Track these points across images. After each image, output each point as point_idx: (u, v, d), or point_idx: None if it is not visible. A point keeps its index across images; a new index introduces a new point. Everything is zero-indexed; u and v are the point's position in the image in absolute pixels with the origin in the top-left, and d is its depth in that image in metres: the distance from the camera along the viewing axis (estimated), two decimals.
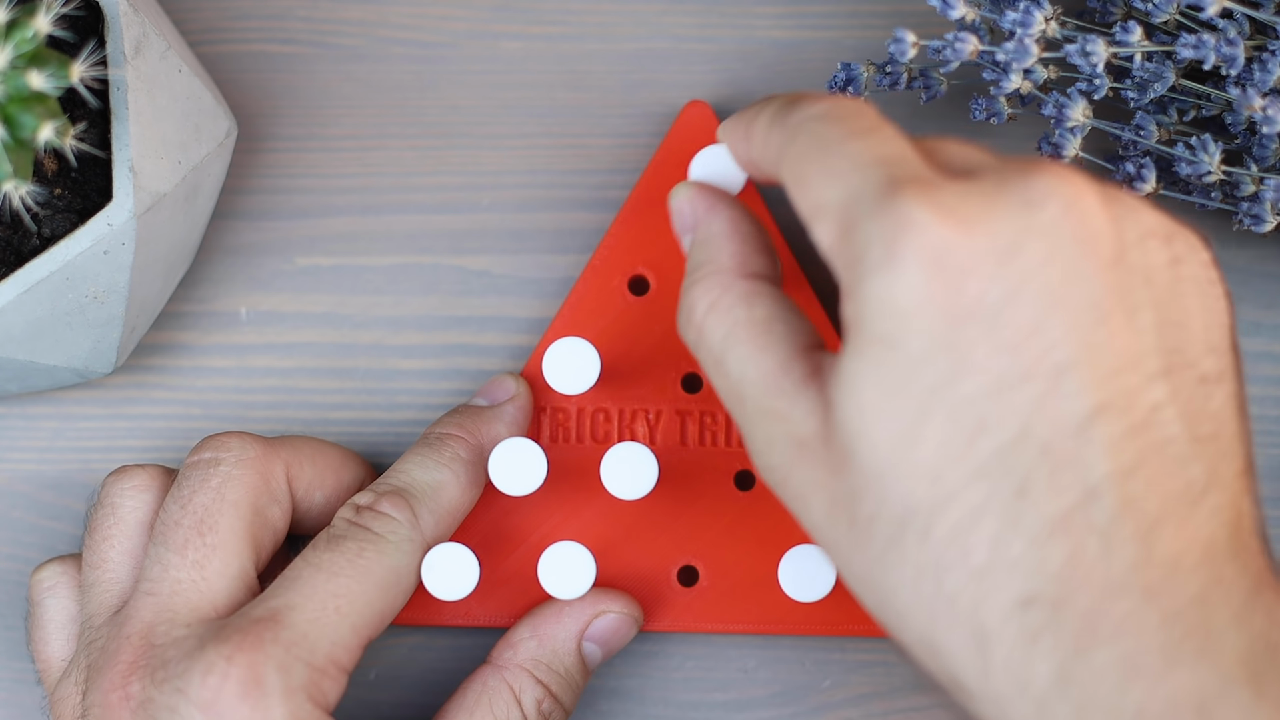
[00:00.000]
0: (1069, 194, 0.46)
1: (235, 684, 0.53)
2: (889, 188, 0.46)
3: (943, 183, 0.46)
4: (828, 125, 0.48)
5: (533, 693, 0.58)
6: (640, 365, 0.61)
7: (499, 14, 0.64)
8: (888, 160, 0.47)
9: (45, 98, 0.51)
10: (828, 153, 0.47)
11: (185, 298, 0.64)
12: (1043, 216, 0.45)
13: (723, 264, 0.51)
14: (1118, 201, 0.47)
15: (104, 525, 0.58)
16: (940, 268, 0.45)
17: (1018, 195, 0.45)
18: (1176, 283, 0.47)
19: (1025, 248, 0.45)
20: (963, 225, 0.45)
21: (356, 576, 0.55)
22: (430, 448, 0.59)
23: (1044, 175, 0.46)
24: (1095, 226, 0.46)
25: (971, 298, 0.45)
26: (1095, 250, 0.45)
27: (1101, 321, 0.45)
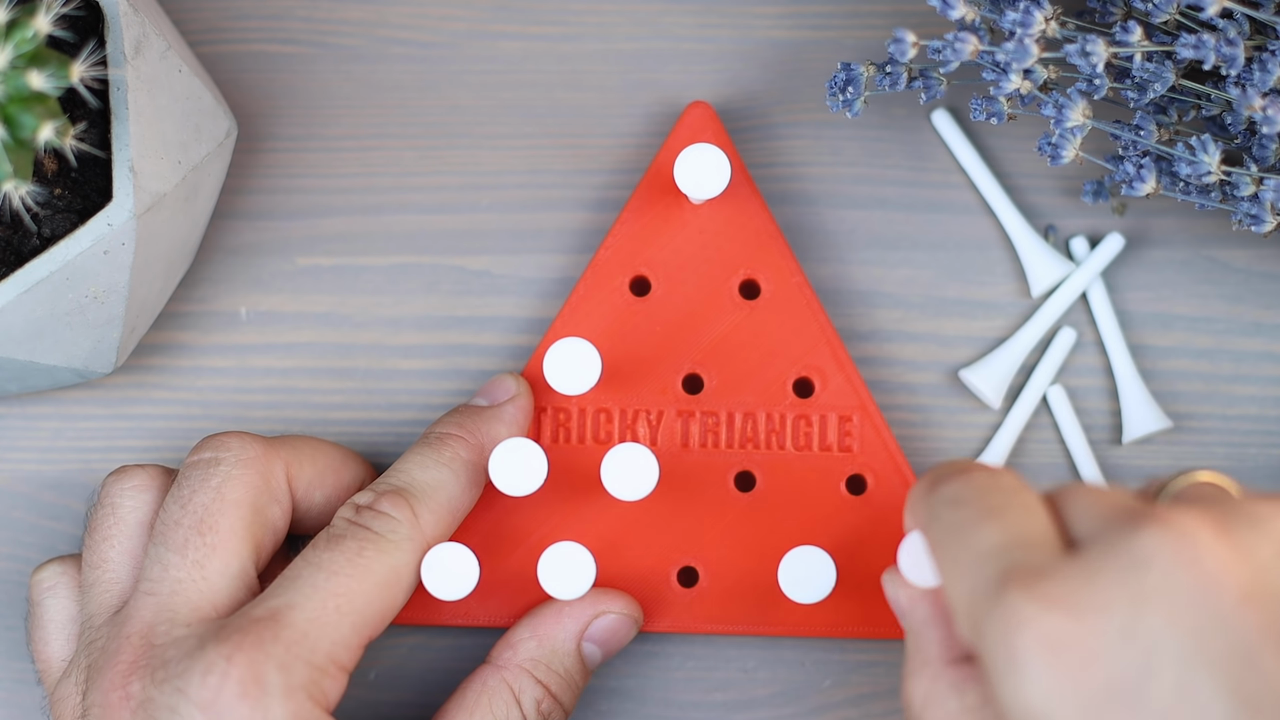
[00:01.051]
0: (1175, 543, 0.44)
1: (235, 683, 0.53)
2: (1000, 584, 0.45)
3: (1053, 567, 0.45)
4: (957, 510, 0.48)
5: (532, 693, 0.58)
6: (641, 366, 0.61)
7: (499, 14, 0.64)
8: (1007, 547, 0.46)
9: (45, 98, 0.51)
10: (955, 543, 0.47)
11: (185, 298, 0.64)
12: (1153, 577, 0.43)
13: (932, 654, 0.50)
14: (1240, 522, 0.45)
15: (104, 525, 0.58)
16: (1062, 660, 0.43)
17: (1123, 562, 0.44)
18: None
19: (1144, 616, 0.43)
20: (1073, 611, 0.44)
21: (357, 576, 0.55)
22: (430, 447, 0.59)
23: (1147, 531, 0.44)
24: (1213, 566, 0.43)
25: (1103, 682, 0.43)
26: (1221, 592, 0.43)
27: (1251, 664, 0.43)
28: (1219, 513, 0.45)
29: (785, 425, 0.61)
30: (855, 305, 0.63)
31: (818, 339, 0.61)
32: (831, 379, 0.61)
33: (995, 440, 0.63)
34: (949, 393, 0.63)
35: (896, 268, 0.64)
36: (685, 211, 0.61)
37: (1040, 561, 0.45)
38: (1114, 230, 0.63)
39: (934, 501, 0.49)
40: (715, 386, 0.61)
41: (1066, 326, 0.63)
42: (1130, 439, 0.63)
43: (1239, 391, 0.63)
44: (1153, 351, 0.63)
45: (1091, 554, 0.45)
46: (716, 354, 0.61)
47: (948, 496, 0.49)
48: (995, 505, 0.48)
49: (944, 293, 0.63)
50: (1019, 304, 0.64)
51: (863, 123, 0.64)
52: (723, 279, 0.61)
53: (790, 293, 0.61)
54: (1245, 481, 0.63)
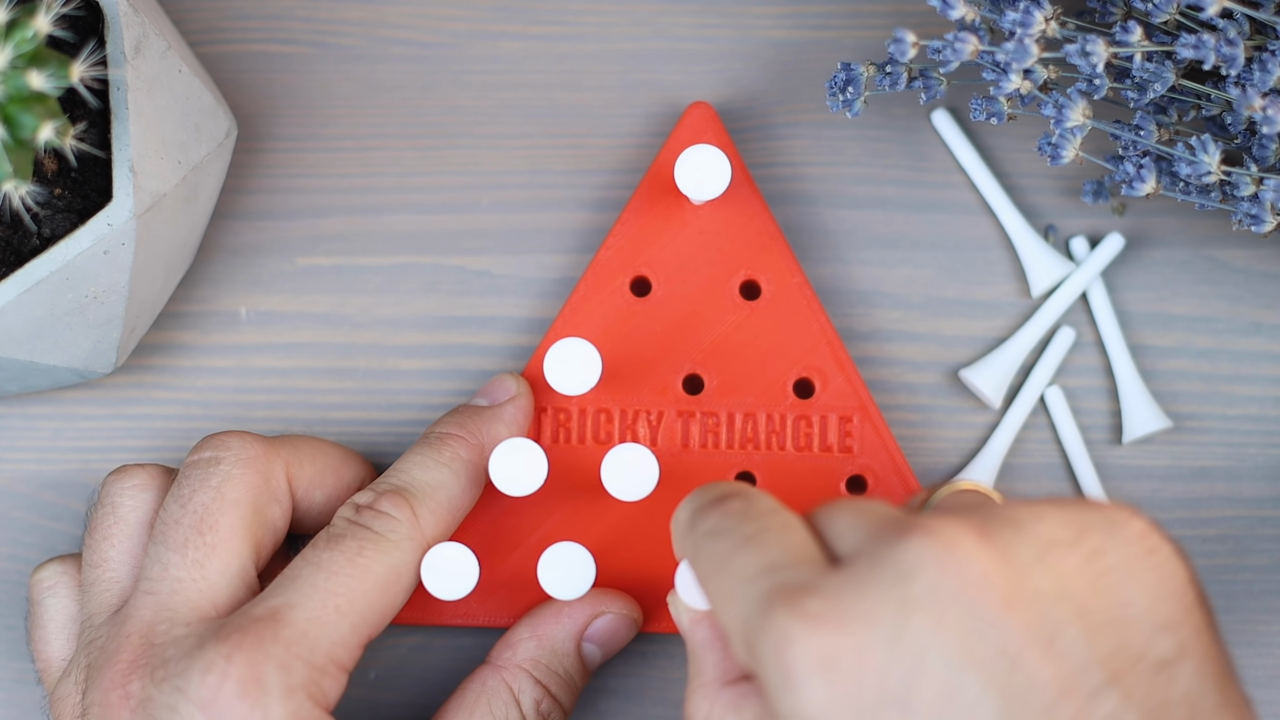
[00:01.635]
0: (939, 551, 0.44)
1: (235, 683, 0.53)
2: (767, 605, 0.45)
3: (817, 582, 0.45)
4: (717, 542, 0.49)
5: (531, 693, 0.58)
6: (642, 366, 0.61)
7: (499, 14, 0.64)
8: (769, 569, 0.46)
9: (45, 98, 0.51)
10: (719, 574, 0.48)
11: (185, 298, 0.64)
12: (919, 584, 0.44)
13: (709, 676, 0.51)
14: (1001, 526, 0.45)
15: (104, 524, 0.58)
16: (833, 672, 0.44)
17: (889, 571, 0.45)
18: (1099, 578, 0.45)
19: (910, 623, 0.44)
20: (840, 623, 0.44)
21: (356, 575, 0.55)
22: (430, 447, 0.59)
23: (912, 540, 0.45)
24: (977, 572, 0.44)
25: (875, 690, 0.44)
26: (985, 596, 0.44)
27: (1016, 662, 0.44)
28: (980, 519, 0.46)
29: (785, 426, 0.61)
30: (855, 305, 0.63)
31: (818, 340, 0.61)
32: (832, 380, 0.61)
33: (993, 440, 0.63)
34: (949, 393, 0.63)
35: (896, 268, 0.64)
36: (686, 212, 0.61)
37: (804, 579, 0.46)
38: (1114, 230, 0.63)
39: (695, 537, 0.50)
40: (715, 387, 0.61)
41: (1066, 326, 0.63)
42: (1130, 439, 0.63)
43: (1239, 391, 0.63)
44: (1153, 351, 0.63)
45: (857, 566, 0.45)
46: (717, 354, 0.61)
47: (707, 529, 0.49)
48: (752, 531, 0.48)
49: (944, 293, 0.63)
50: (1019, 304, 0.64)
51: (863, 123, 0.64)
52: (723, 279, 0.61)
53: (791, 293, 0.61)
54: (1245, 481, 0.63)
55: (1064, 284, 0.63)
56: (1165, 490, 0.63)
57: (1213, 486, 0.63)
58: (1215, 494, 0.63)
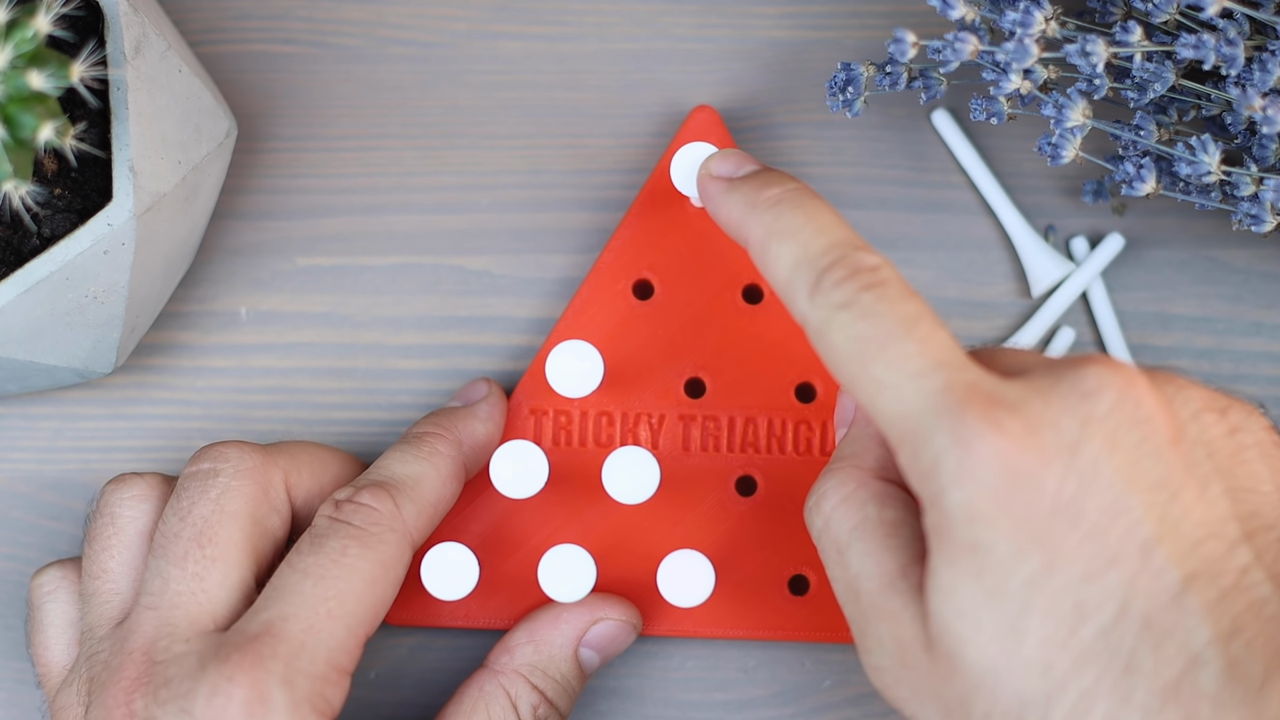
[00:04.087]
0: (1120, 382, 0.47)
1: (240, 704, 0.53)
2: (953, 402, 0.47)
3: (999, 388, 0.47)
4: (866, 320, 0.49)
5: (529, 698, 0.58)
6: (644, 369, 0.61)
7: (499, 14, 0.64)
8: (941, 364, 0.48)
9: (45, 98, 0.51)
10: (875, 357, 0.49)
11: (185, 298, 0.64)
12: (1100, 406, 0.47)
13: (866, 462, 0.52)
14: (1168, 382, 0.49)
15: (103, 535, 0.58)
16: (1014, 473, 0.46)
17: (1073, 388, 0.47)
18: (1239, 451, 0.49)
19: (1090, 439, 0.47)
20: (1028, 429, 0.46)
21: (343, 576, 0.55)
22: (409, 444, 0.59)
23: (1094, 366, 0.48)
24: (1150, 409, 0.47)
25: (1050, 495, 0.46)
26: (1155, 431, 0.47)
27: (1175, 496, 0.47)
28: (1150, 373, 0.49)
29: (787, 430, 0.61)
30: None
31: None
32: (833, 384, 0.61)
33: None
34: None
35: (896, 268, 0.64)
36: (689, 215, 0.61)
37: (989, 383, 0.47)
38: (1114, 230, 0.63)
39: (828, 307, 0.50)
40: (717, 390, 0.61)
41: (1066, 326, 0.63)
42: None
43: (1239, 391, 0.63)
44: (1153, 351, 0.63)
45: (1039, 379, 0.48)
46: (719, 358, 0.61)
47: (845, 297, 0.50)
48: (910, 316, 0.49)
49: (944, 293, 0.63)
50: (1019, 304, 0.64)
51: (863, 123, 0.64)
52: (726, 283, 0.61)
53: None
54: None
55: (1064, 284, 0.63)
56: None
57: None
58: None
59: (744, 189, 0.54)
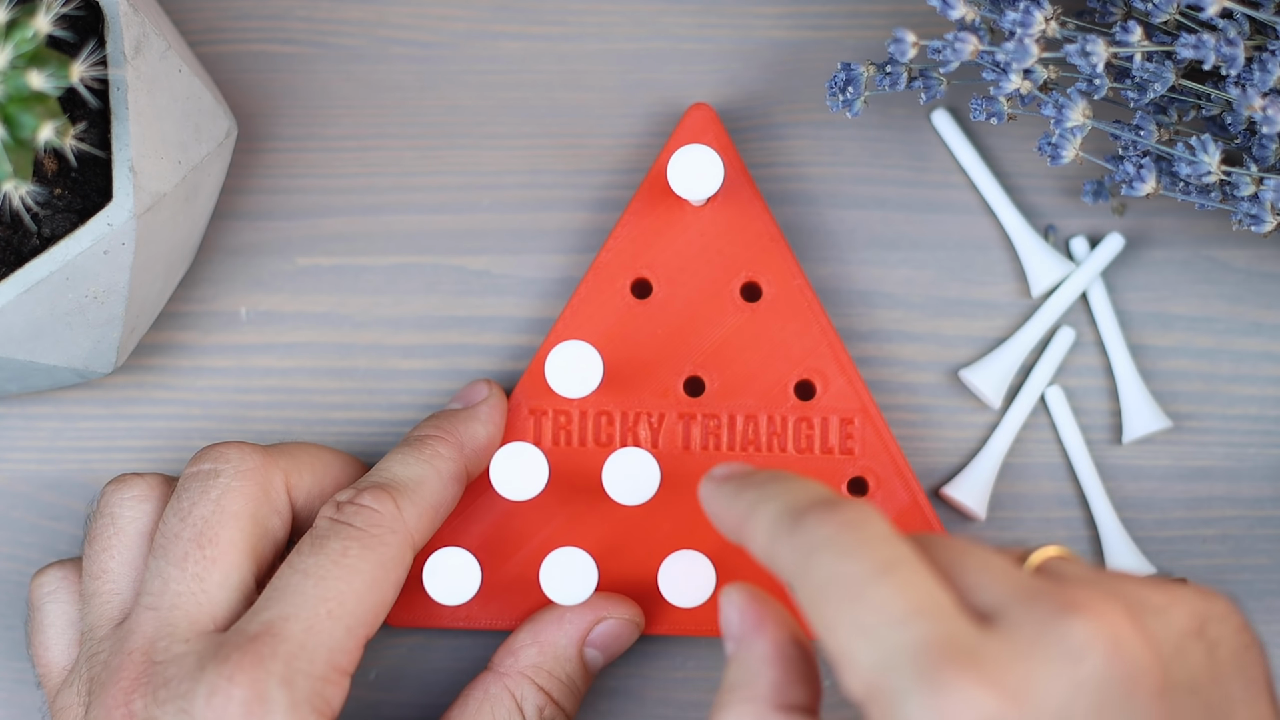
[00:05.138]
0: (1108, 637, 0.45)
1: (239, 704, 0.53)
2: (928, 662, 0.44)
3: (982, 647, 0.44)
4: (845, 561, 0.45)
5: (534, 699, 0.58)
6: (643, 369, 0.61)
7: (499, 14, 0.64)
8: (919, 613, 0.45)
9: (45, 98, 0.51)
10: (852, 600, 0.45)
11: (185, 298, 0.64)
12: (1087, 668, 0.44)
13: (760, 691, 0.48)
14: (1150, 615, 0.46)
15: (104, 535, 0.58)
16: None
17: (1058, 649, 0.45)
18: (1217, 669, 0.47)
19: (1076, 704, 0.44)
20: (1010, 695, 0.44)
21: (344, 577, 0.55)
22: (410, 447, 0.59)
23: (1080, 620, 0.45)
24: (1138, 662, 0.45)
25: None
26: (1142, 686, 0.45)
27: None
28: (1129, 603, 0.46)
29: (787, 428, 0.61)
30: (855, 305, 0.63)
31: (819, 341, 0.61)
32: (833, 381, 0.61)
33: (993, 440, 0.63)
34: (949, 392, 0.63)
35: (896, 268, 0.64)
36: (686, 214, 0.61)
37: (965, 638, 0.45)
38: (1114, 230, 0.63)
39: (805, 548, 0.46)
40: (716, 389, 0.61)
41: (1066, 326, 0.63)
42: (1130, 439, 0.63)
43: (1239, 391, 0.63)
44: (1153, 351, 0.63)
45: (1018, 634, 0.45)
46: (718, 356, 0.61)
47: (820, 540, 0.46)
48: (886, 561, 0.45)
49: (944, 293, 0.63)
50: (1019, 304, 0.64)
51: (863, 123, 0.64)
52: (724, 281, 0.61)
53: (792, 295, 0.61)
54: (1245, 481, 0.63)
55: (1064, 284, 0.63)
56: (1165, 490, 0.63)
57: (1213, 486, 0.63)
58: (1215, 494, 0.63)
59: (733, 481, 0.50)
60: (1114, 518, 0.62)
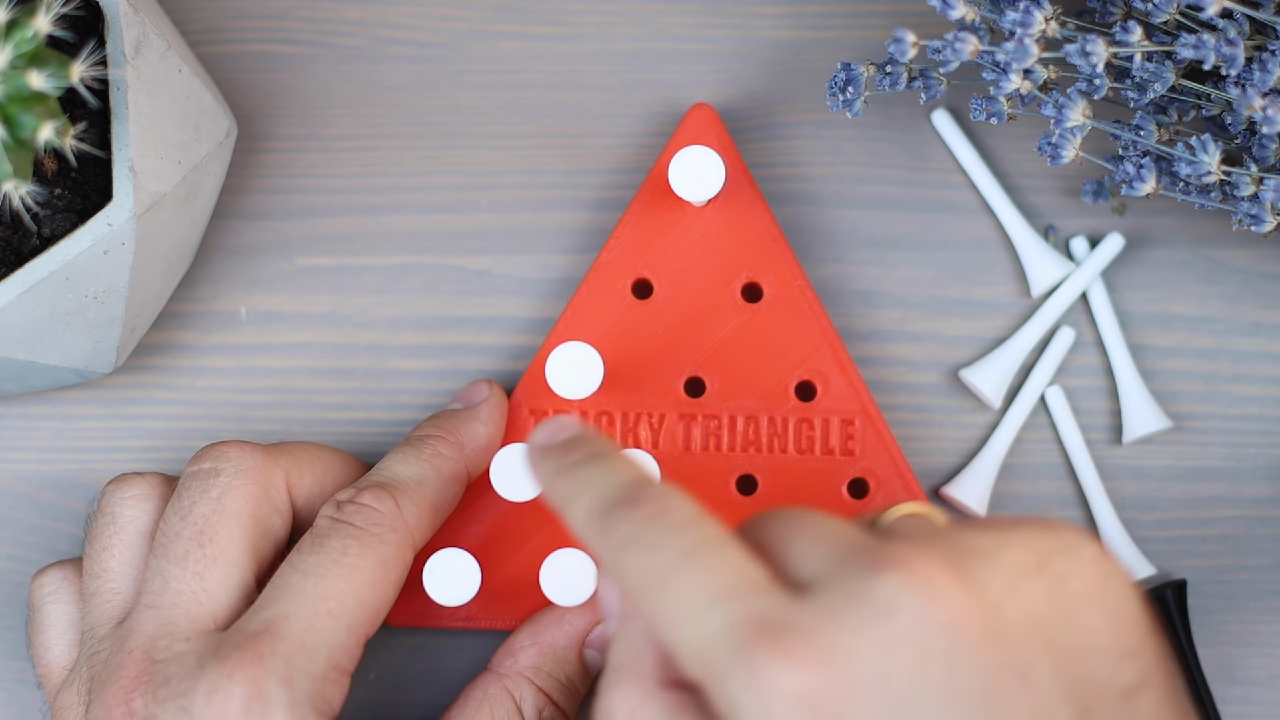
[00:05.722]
0: (918, 588, 0.44)
1: (239, 702, 0.53)
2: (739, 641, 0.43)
3: (794, 618, 0.44)
4: (646, 555, 0.45)
5: (534, 700, 0.58)
6: (643, 369, 0.61)
7: (499, 14, 0.64)
8: (726, 594, 0.44)
9: (45, 98, 0.51)
10: (662, 591, 0.45)
11: (185, 298, 0.64)
12: (900, 623, 0.43)
13: (645, 669, 0.48)
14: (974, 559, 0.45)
15: (104, 534, 0.58)
16: (817, 711, 0.43)
17: (867, 608, 0.44)
18: (1065, 604, 0.45)
19: (895, 662, 0.43)
20: (824, 663, 0.43)
21: (344, 575, 0.55)
22: (411, 446, 0.59)
23: (888, 575, 0.44)
24: (956, 608, 0.44)
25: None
26: (965, 632, 0.44)
27: (995, 701, 0.43)
28: (949, 552, 0.45)
29: (787, 429, 0.61)
30: (855, 305, 0.63)
31: (820, 342, 0.61)
32: (833, 382, 0.61)
33: (993, 440, 0.63)
34: (949, 392, 0.63)
35: (896, 268, 0.64)
36: (687, 214, 0.61)
37: (774, 611, 0.44)
38: (1114, 230, 0.63)
39: (614, 545, 0.46)
40: (717, 390, 0.61)
41: (1066, 326, 0.63)
42: (1130, 439, 0.63)
43: (1239, 391, 0.63)
44: (1153, 351, 0.63)
45: (829, 598, 0.44)
46: (718, 357, 0.61)
47: (626, 537, 0.46)
48: (688, 547, 0.45)
49: (944, 293, 0.63)
50: (1019, 304, 0.64)
51: (863, 123, 0.64)
52: (725, 282, 0.61)
53: (793, 296, 0.61)
54: (1245, 481, 0.63)
55: (1064, 284, 0.63)
56: (1165, 490, 0.63)
57: (1213, 486, 0.63)
58: (1215, 494, 0.63)
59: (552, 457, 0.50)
60: (1114, 518, 0.62)
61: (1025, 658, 0.44)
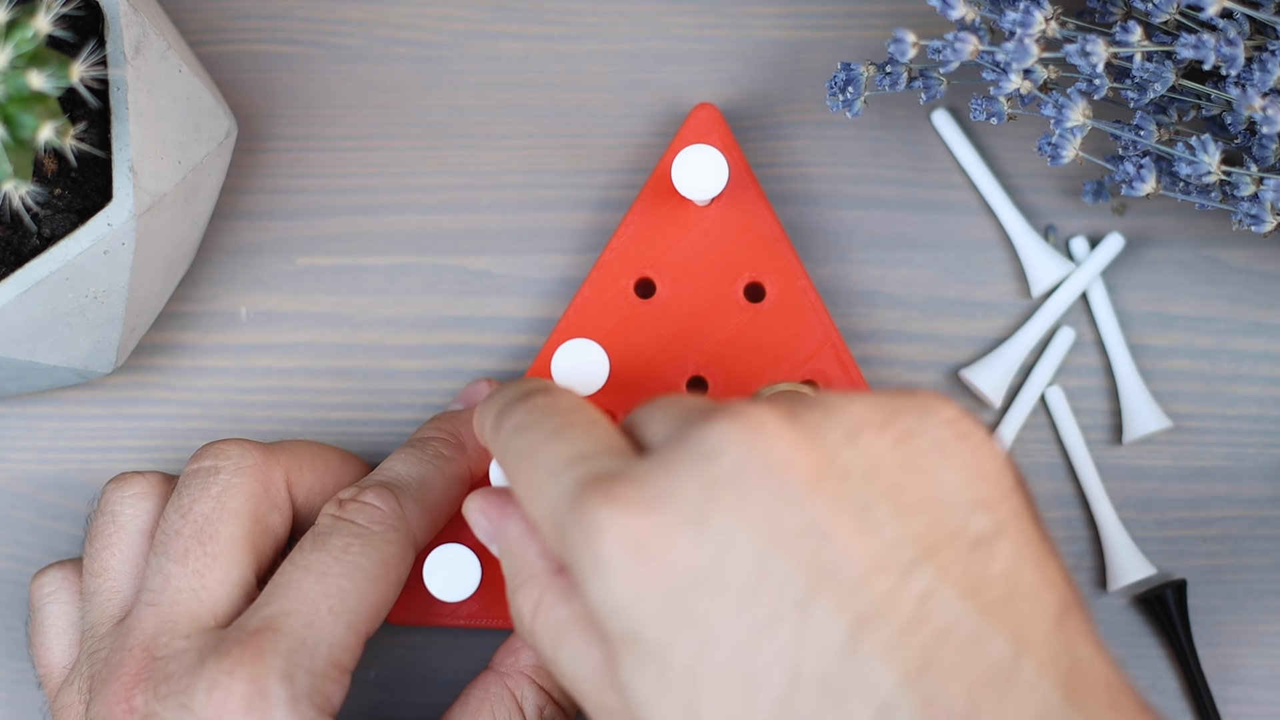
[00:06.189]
0: (743, 432, 0.44)
1: (239, 699, 0.53)
2: (576, 494, 0.45)
3: (626, 470, 0.45)
4: (523, 436, 0.49)
5: (535, 699, 0.58)
6: (645, 368, 0.61)
7: (499, 14, 0.64)
8: (577, 458, 0.47)
9: (45, 98, 0.51)
10: (528, 466, 0.48)
11: (185, 298, 0.64)
12: (723, 465, 0.44)
13: (533, 568, 0.50)
14: (813, 410, 0.45)
15: (104, 533, 0.58)
16: (642, 555, 0.44)
17: (694, 453, 0.45)
18: (911, 459, 0.45)
19: (717, 502, 0.44)
20: (647, 507, 0.44)
21: (345, 573, 0.55)
22: (413, 448, 0.59)
23: (717, 423, 0.45)
24: (784, 451, 0.44)
25: (683, 571, 0.44)
26: (793, 473, 0.44)
27: (824, 539, 0.43)
28: (789, 404, 0.46)
29: None
30: (855, 305, 0.63)
31: (822, 343, 0.61)
32: (836, 383, 0.61)
33: None
34: (949, 392, 0.63)
35: (896, 268, 0.64)
36: (690, 214, 0.61)
37: (612, 467, 0.46)
38: (1114, 230, 0.63)
39: (502, 435, 0.50)
40: (719, 389, 0.61)
41: (1066, 326, 0.63)
42: (1130, 439, 0.63)
43: (1239, 391, 0.63)
44: (1153, 351, 0.63)
45: (664, 451, 0.45)
46: (721, 357, 0.61)
47: (512, 426, 0.49)
48: (558, 425, 0.48)
49: (944, 293, 0.63)
50: (1019, 304, 0.64)
51: (863, 123, 0.64)
52: (728, 281, 0.61)
53: (795, 296, 0.61)
54: (1245, 481, 0.63)
55: (1064, 284, 0.63)
56: (1165, 490, 0.63)
57: (1213, 486, 0.63)
58: (1215, 494, 0.63)
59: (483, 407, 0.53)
60: (1114, 518, 0.62)
61: (861, 499, 0.44)
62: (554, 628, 0.49)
